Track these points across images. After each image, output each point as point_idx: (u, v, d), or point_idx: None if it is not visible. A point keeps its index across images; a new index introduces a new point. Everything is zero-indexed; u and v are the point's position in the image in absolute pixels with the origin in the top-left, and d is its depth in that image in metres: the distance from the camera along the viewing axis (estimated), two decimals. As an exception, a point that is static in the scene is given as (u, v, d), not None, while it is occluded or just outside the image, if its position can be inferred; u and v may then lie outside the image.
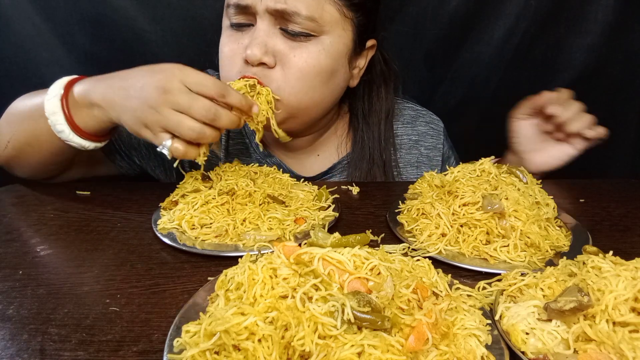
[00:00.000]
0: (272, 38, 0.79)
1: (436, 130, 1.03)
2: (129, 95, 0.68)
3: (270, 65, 0.79)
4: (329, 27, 0.80)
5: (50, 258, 0.62)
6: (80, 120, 0.73)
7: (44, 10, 1.13)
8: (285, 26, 0.78)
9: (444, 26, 1.21)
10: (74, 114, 0.73)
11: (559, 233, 0.65)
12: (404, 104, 1.04)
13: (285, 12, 0.76)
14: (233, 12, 0.81)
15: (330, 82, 0.85)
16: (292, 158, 0.99)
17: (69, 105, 0.73)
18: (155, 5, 1.15)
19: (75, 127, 0.74)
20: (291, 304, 0.40)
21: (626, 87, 1.27)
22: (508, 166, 0.72)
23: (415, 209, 0.70)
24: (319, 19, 0.78)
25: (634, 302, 0.42)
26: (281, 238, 0.65)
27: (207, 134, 0.66)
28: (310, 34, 0.79)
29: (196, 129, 0.65)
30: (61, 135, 0.74)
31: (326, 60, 0.81)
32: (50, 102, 0.73)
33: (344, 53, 0.84)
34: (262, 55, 0.77)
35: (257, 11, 0.78)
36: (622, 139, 1.34)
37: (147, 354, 0.44)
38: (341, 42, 0.83)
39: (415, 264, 0.50)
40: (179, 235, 0.65)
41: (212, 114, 0.65)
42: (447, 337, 0.42)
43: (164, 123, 0.65)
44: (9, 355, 0.44)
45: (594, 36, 1.21)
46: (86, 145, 0.76)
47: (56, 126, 0.73)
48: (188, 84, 0.65)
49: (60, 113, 0.73)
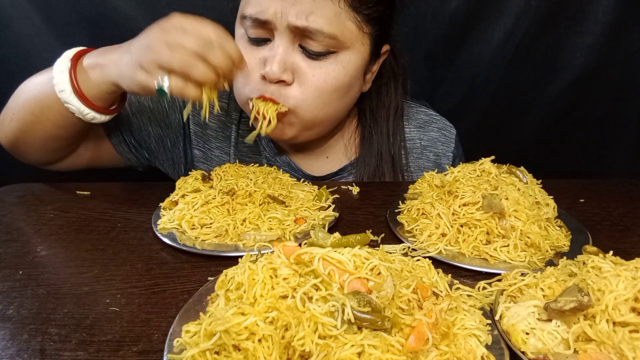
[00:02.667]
0: (291, 55, 0.78)
1: (448, 137, 1.01)
2: (130, 45, 0.69)
3: (288, 82, 0.78)
4: (348, 43, 0.79)
5: (50, 258, 0.62)
6: (83, 83, 0.73)
7: (44, 10, 1.13)
8: (305, 44, 0.77)
9: (444, 26, 1.21)
10: (79, 77, 0.72)
11: (559, 233, 0.65)
12: (417, 108, 1.03)
13: (307, 30, 0.74)
14: (250, 25, 0.79)
15: (346, 97, 0.85)
16: (302, 159, 0.99)
17: (76, 69, 0.73)
18: (155, 5, 1.15)
19: (76, 89, 0.72)
20: (291, 304, 0.40)
21: (626, 87, 1.27)
22: (508, 166, 0.72)
23: (415, 209, 0.70)
24: (339, 36, 0.76)
25: (634, 302, 0.42)
26: (281, 238, 0.65)
27: (201, 68, 0.64)
28: (330, 51, 0.78)
29: (188, 59, 0.63)
30: (61, 95, 0.72)
31: (344, 77, 0.81)
32: (59, 61, 0.73)
33: (361, 67, 0.84)
34: (281, 73, 0.76)
35: (277, 27, 0.76)
36: (622, 139, 1.34)
37: (147, 354, 0.44)
38: (360, 57, 0.82)
39: (415, 264, 0.51)
40: (179, 235, 0.65)
41: (203, 46, 0.63)
42: (447, 337, 0.42)
43: (158, 59, 0.64)
44: (9, 355, 0.44)
45: (594, 36, 1.21)
46: (84, 113, 0.74)
47: (58, 85, 0.72)
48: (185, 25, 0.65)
49: (67, 73, 0.72)
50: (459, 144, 1.04)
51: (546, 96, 1.30)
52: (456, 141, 1.03)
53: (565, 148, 1.37)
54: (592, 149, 1.36)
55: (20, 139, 0.81)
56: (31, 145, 0.82)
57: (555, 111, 1.32)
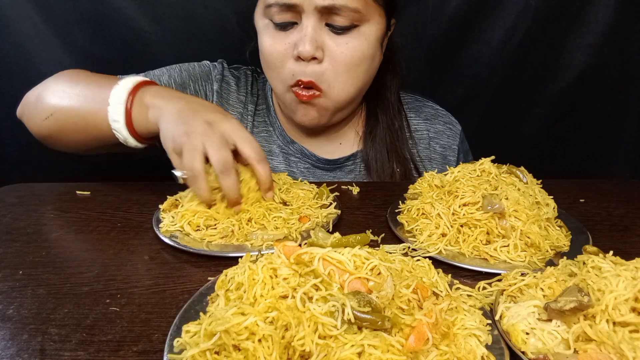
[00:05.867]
0: (319, 34, 0.82)
1: (453, 131, 1.05)
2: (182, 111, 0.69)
3: (320, 59, 0.82)
4: (369, 15, 0.83)
5: (50, 258, 0.62)
6: (136, 119, 0.74)
7: (44, 10, 1.13)
8: (331, 21, 0.81)
9: (444, 26, 1.21)
10: (134, 112, 0.74)
11: (559, 233, 0.65)
12: (425, 102, 1.07)
13: (334, 7, 0.79)
14: (277, 11, 0.82)
15: (370, 68, 0.89)
16: (316, 145, 1.00)
17: (133, 102, 0.74)
18: (155, 5, 1.15)
19: (129, 122, 0.74)
20: (291, 304, 0.40)
21: (626, 87, 1.27)
22: (508, 166, 0.72)
23: (415, 209, 0.70)
24: (362, 9, 0.81)
25: (634, 302, 0.42)
26: (288, 237, 0.65)
27: (204, 189, 0.66)
28: (354, 24, 0.82)
29: (197, 172, 0.65)
30: (113, 125, 0.74)
31: (368, 49, 0.85)
32: (116, 92, 0.74)
33: (380, 38, 0.88)
34: (314, 50, 0.80)
35: (304, 9, 0.80)
36: (622, 139, 1.34)
37: (147, 354, 0.44)
38: (379, 28, 0.86)
39: (415, 264, 0.51)
40: (183, 238, 0.65)
41: (222, 166, 0.65)
42: (447, 337, 0.42)
43: (180, 148, 0.66)
44: (9, 355, 0.44)
45: (594, 36, 1.21)
46: (130, 141, 0.77)
47: (113, 115, 0.74)
48: (235, 136, 0.67)
49: (123, 105, 0.74)
50: (464, 140, 1.06)
51: (546, 96, 1.30)
52: (461, 137, 1.05)
53: (565, 148, 1.37)
54: (592, 149, 1.36)
55: (54, 138, 0.84)
56: (65, 145, 0.85)
57: (556, 111, 1.32)
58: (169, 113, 0.70)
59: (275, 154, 1.00)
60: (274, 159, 0.99)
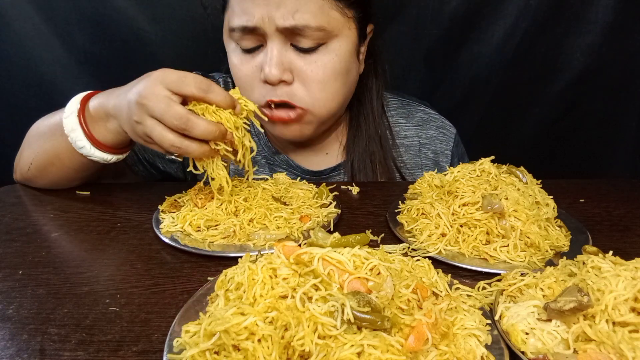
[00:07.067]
0: (285, 55, 0.79)
1: (447, 136, 1.02)
2: (122, 106, 0.68)
3: (289, 81, 0.80)
4: (336, 31, 0.81)
5: (50, 258, 0.62)
6: (99, 134, 0.74)
7: (44, 10, 1.13)
8: (296, 42, 0.79)
9: (444, 26, 1.21)
10: (92, 129, 0.74)
11: (559, 233, 0.65)
12: (416, 107, 1.04)
13: (296, 28, 0.76)
14: (240, 36, 0.80)
15: (347, 81, 0.87)
16: (301, 156, 1.00)
17: (86, 120, 0.74)
18: (155, 5, 1.15)
19: (95, 141, 0.74)
20: (291, 304, 0.40)
21: (626, 87, 1.27)
22: (508, 166, 0.72)
23: (415, 209, 0.70)
24: (327, 27, 0.78)
25: (634, 302, 0.42)
26: (290, 236, 0.66)
27: (192, 147, 0.64)
28: (321, 43, 0.80)
29: (176, 143, 0.63)
30: (82, 151, 0.75)
31: (340, 64, 0.83)
32: (68, 119, 0.74)
33: (353, 50, 0.86)
34: (280, 74, 0.78)
35: (266, 32, 0.77)
36: (622, 139, 1.34)
37: (147, 354, 0.44)
38: (349, 41, 0.84)
39: (415, 264, 0.51)
40: (183, 238, 0.65)
41: (183, 123, 0.62)
42: (447, 337, 0.42)
43: (149, 134, 0.64)
44: (9, 355, 0.44)
45: (594, 36, 1.21)
46: (108, 159, 0.76)
47: (77, 142, 0.74)
48: (168, 85, 0.64)
49: (79, 129, 0.73)
50: (459, 143, 1.04)
51: (546, 96, 1.30)
52: (456, 140, 1.03)
53: (565, 148, 1.37)
54: (592, 149, 1.36)
55: (43, 179, 0.84)
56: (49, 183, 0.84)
57: (556, 111, 1.32)
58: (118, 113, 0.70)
59: (261, 164, 0.98)
60: (259, 170, 0.98)
